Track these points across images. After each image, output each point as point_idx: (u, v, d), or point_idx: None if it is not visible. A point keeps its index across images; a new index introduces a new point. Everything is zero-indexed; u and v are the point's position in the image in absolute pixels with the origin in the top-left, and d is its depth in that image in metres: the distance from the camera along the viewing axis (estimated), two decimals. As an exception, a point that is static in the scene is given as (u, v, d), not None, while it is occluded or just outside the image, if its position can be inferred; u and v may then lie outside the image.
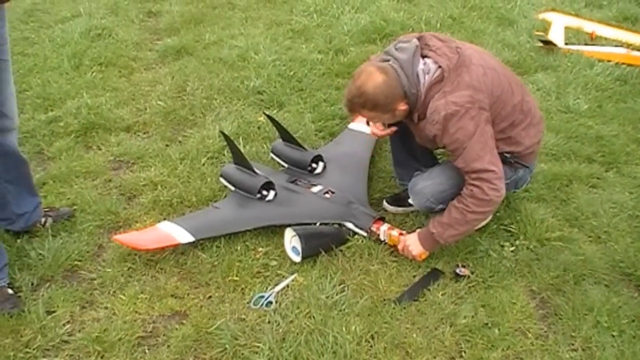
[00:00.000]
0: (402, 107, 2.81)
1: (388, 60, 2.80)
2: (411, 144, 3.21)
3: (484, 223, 3.18)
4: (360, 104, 2.80)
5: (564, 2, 6.47)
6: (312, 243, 3.01)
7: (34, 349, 2.60)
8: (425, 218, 3.17)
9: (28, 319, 2.73)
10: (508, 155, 2.97)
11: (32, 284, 2.94)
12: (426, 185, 3.01)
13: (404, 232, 3.08)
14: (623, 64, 4.97)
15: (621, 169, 3.75)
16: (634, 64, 4.96)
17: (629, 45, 5.30)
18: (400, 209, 3.37)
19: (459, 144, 2.72)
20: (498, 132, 2.86)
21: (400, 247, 3.01)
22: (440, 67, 2.74)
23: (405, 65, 2.76)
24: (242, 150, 3.63)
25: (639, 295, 2.87)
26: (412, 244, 2.95)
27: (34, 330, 2.68)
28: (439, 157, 3.47)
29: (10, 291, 2.83)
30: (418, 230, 2.99)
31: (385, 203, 3.42)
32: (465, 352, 2.58)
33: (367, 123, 3.22)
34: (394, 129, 3.04)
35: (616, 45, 5.34)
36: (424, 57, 2.80)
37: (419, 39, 2.85)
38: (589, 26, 5.69)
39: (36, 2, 6.52)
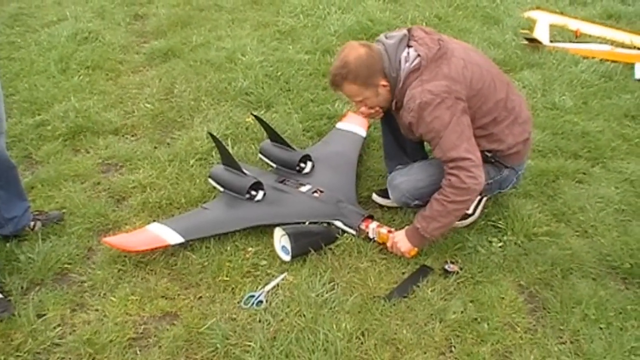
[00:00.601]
0: (384, 83, 2.86)
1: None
2: (402, 138, 3.23)
3: (471, 220, 3.20)
4: (342, 75, 2.85)
5: (549, 1, 6.52)
6: (301, 242, 3.01)
7: (24, 353, 2.60)
8: (414, 215, 3.18)
9: (18, 323, 2.72)
10: (489, 154, 2.99)
11: (22, 288, 2.93)
12: (403, 180, 3.05)
13: (392, 229, 3.09)
14: (607, 60, 5.01)
15: (607, 164, 3.78)
16: (618, 61, 5.00)
17: (613, 42, 5.34)
18: (389, 201, 3.35)
19: (435, 133, 2.76)
20: (479, 129, 2.88)
21: (389, 244, 3.03)
22: (419, 55, 2.79)
23: (390, 49, 2.84)
24: (230, 151, 3.64)
25: (625, 287, 2.90)
26: (401, 240, 2.97)
27: (24, 334, 2.68)
28: (429, 154, 3.49)
29: (0, 295, 2.83)
30: (406, 227, 3.00)
31: (374, 195, 3.45)
32: (455, 347, 2.59)
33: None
34: (380, 111, 3.06)
35: (601, 43, 5.38)
36: (409, 46, 2.85)
37: (408, 30, 2.91)
38: (573, 24, 5.74)
39: (22, 7, 6.51)
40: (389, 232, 3.06)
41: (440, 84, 2.73)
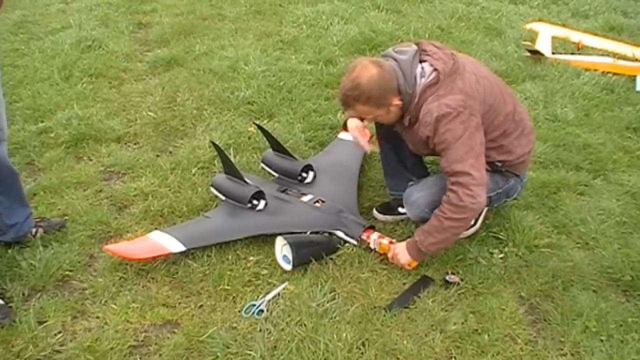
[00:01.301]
0: (396, 102, 2.81)
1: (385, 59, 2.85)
2: (402, 155, 3.25)
3: (472, 231, 3.21)
4: (355, 97, 2.78)
5: (551, 13, 6.55)
6: (302, 252, 3.02)
7: (25, 359, 2.60)
8: (415, 227, 3.18)
9: (19, 329, 2.72)
10: (499, 164, 3.01)
11: (24, 294, 2.93)
12: (420, 195, 3.02)
13: (394, 240, 3.10)
14: (609, 73, 5.03)
15: (608, 177, 3.79)
16: (620, 73, 5.02)
17: (615, 55, 5.36)
18: (390, 217, 3.39)
19: (445, 145, 2.75)
20: (490, 141, 2.89)
21: (390, 255, 3.03)
22: (435, 70, 2.78)
23: (404, 65, 2.79)
24: (232, 160, 3.64)
25: (626, 300, 2.90)
26: (401, 253, 2.97)
27: (25, 341, 2.67)
28: (429, 166, 3.50)
29: (1, 302, 2.83)
30: (408, 239, 3.00)
31: (375, 212, 3.44)
32: (455, 358, 2.59)
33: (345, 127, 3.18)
34: (377, 145, 3.06)
35: (602, 55, 5.40)
36: (421, 62, 2.83)
37: (417, 44, 2.90)
38: (575, 36, 5.76)
39: (26, 14, 6.52)
40: (390, 243, 3.07)
41: (456, 98, 2.72)
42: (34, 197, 3.59)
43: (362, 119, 3.13)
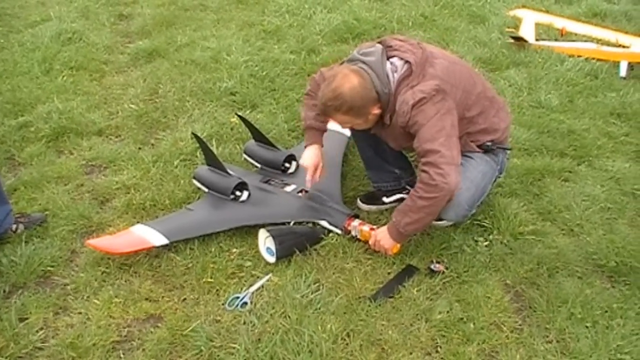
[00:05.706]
0: (376, 111, 2.82)
1: (355, 65, 2.81)
2: (380, 150, 3.26)
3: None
4: (336, 107, 2.77)
5: (534, -1, 6.54)
6: (286, 244, 3.00)
7: (6, 357, 2.57)
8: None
9: (0, 327, 2.69)
10: (490, 144, 3.02)
11: (5, 291, 2.90)
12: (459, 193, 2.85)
13: (374, 227, 3.08)
14: (593, 59, 5.03)
15: (593, 163, 3.79)
16: (603, 59, 5.02)
17: (598, 41, 5.35)
18: (374, 207, 3.38)
19: (417, 126, 2.73)
20: (473, 124, 2.92)
21: (371, 241, 3.01)
22: (407, 62, 2.78)
23: (376, 66, 2.77)
24: (215, 151, 3.62)
25: (611, 286, 2.90)
26: (383, 237, 2.95)
27: (6, 338, 2.64)
28: (410, 157, 3.48)
29: (-19, 299, 2.80)
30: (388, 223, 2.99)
31: (359, 201, 3.43)
32: (441, 347, 2.58)
33: None
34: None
35: (586, 41, 5.39)
36: (388, 58, 2.83)
37: (381, 42, 2.89)
38: (559, 22, 5.74)
39: (5, 7, 6.45)
40: (371, 229, 3.05)
41: (429, 84, 2.72)
42: (14, 193, 3.55)
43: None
